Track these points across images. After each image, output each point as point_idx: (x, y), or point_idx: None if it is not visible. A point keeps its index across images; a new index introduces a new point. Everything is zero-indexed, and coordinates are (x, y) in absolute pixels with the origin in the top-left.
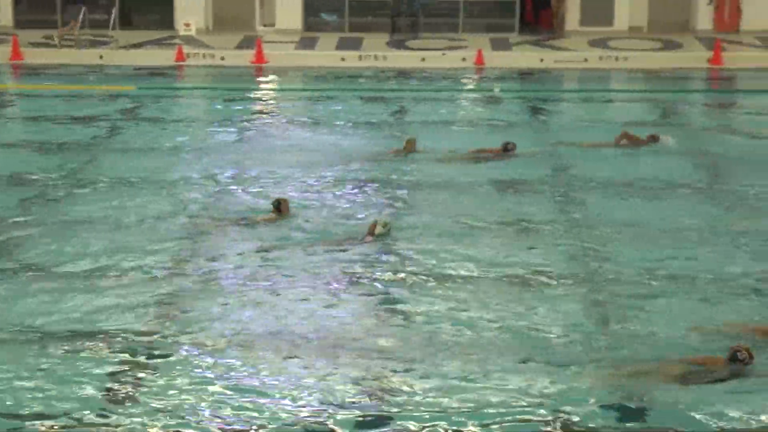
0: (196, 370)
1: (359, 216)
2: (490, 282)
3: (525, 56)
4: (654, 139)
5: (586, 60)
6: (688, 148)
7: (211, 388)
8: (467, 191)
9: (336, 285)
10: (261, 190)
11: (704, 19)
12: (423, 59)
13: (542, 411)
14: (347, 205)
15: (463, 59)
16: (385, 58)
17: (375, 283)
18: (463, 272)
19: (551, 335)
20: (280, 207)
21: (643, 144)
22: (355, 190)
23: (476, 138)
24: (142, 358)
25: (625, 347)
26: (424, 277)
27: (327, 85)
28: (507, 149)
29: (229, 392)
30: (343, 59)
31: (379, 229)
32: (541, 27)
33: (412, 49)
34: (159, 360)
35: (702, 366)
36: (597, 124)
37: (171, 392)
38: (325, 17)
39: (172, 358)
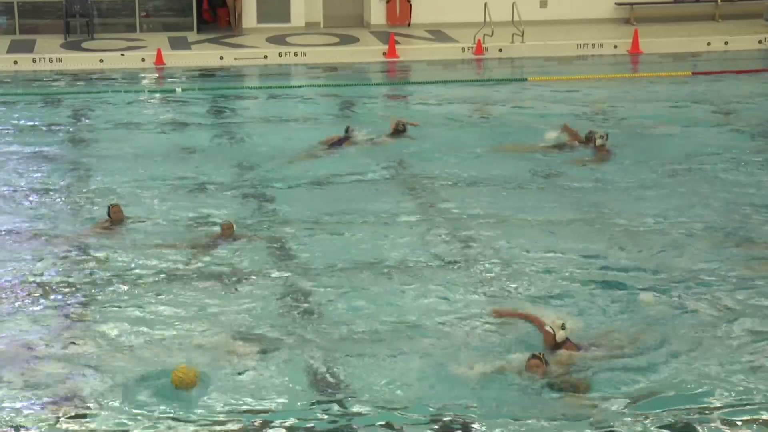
0: None
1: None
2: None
3: (205, 55)
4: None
5: (266, 57)
6: (372, 140)
7: None
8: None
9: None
10: None
11: (377, 14)
12: (101, 60)
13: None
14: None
15: (143, 59)
16: (60, 61)
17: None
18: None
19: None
20: (110, 214)
21: (581, 142)
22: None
23: (157, 139)
24: None
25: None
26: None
27: (1, 90)
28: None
29: None
30: (16, 62)
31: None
32: (219, 25)
33: (89, 50)
34: None
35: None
36: (282, 121)
37: None
38: None
39: None
